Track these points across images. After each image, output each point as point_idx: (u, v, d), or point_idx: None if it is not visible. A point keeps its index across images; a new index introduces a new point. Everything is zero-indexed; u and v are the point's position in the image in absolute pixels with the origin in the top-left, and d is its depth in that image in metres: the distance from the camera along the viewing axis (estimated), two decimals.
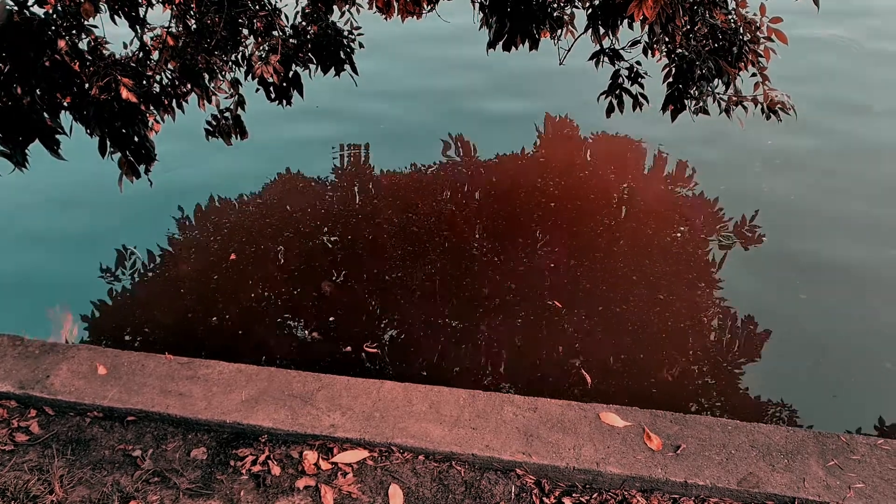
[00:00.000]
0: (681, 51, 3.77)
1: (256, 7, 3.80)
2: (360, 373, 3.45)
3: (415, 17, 3.94)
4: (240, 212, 5.10)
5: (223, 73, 3.92)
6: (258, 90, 4.01)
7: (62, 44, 2.83)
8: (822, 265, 4.38)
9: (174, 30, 3.63)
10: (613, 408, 2.92)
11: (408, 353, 3.82)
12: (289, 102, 4.15)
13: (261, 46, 3.79)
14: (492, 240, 4.68)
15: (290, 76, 4.01)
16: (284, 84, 4.01)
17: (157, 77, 3.54)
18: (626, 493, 2.63)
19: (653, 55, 3.96)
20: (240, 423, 2.89)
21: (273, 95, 4.06)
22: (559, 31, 4.08)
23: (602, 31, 3.77)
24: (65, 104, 2.96)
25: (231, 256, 4.56)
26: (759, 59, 3.72)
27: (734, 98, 3.86)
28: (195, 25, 3.68)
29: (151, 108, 3.43)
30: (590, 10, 3.72)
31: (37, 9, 2.84)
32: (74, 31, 3.00)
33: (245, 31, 3.83)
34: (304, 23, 4.04)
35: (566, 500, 2.60)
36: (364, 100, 6.57)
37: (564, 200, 5.08)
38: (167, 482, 2.70)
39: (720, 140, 5.77)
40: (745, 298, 4.16)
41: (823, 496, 2.54)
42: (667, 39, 3.61)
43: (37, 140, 2.88)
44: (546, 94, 6.80)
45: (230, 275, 4.42)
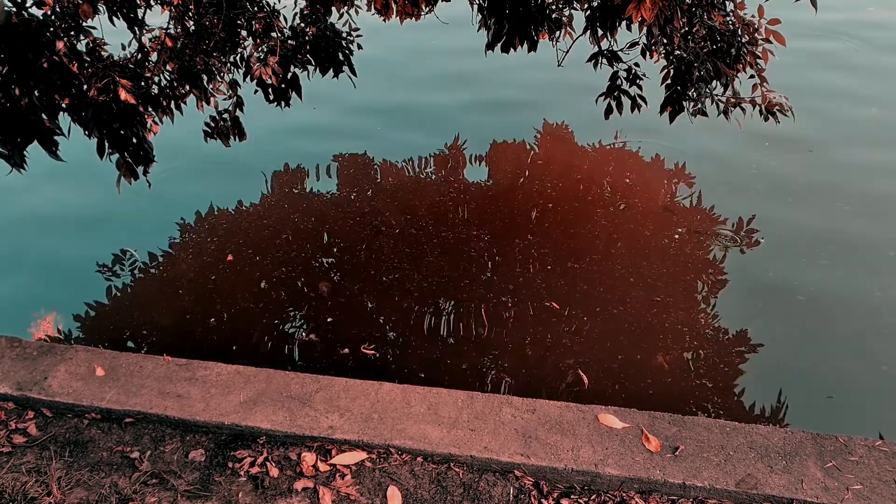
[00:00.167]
0: (679, 52, 3.77)
1: (255, 8, 3.81)
2: (359, 374, 3.43)
3: (413, 19, 3.94)
4: (238, 213, 5.10)
5: (222, 75, 3.93)
6: (257, 92, 4.01)
7: (61, 45, 2.83)
8: (821, 266, 4.38)
9: (173, 31, 3.64)
10: (612, 409, 2.92)
11: (406, 355, 3.82)
12: (287, 104, 4.16)
13: (259, 48, 3.80)
14: (490, 241, 4.68)
15: (289, 78, 4.02)
16: (283, 85, 4.02)
17: (156, 78, 3.54)
18: (625, 495, 2.63)
19: (651, 57, 3.97)
20: (238, 425, 2.89)
21: (272, 97, 4.07)
22: (557, 33, 4.08)
23: (600, 33, 3.79)
24: (63, 105, 2.96)
25: (228, 257, 4.56)
26: (758, 61, 3.73)
27: (732, 100, 3.87)
28: (194, 27, 3.69)
29: (150, 110, 3.44)
30: (588, 12, 3.73)
31: (35, 10, 2.84)
32: (73, 33, 3.01)
33: (243, 33, 3.84)
34: (303, 24, 4.05)
35: (564, 502, 2.60)
36: (363, 100, 6.58)
37: (562, 202, 5.08)
38: (165, 484, 2.70)
39: (719, 141, 5.77)
40: (743, 300, 4.16)
41: (822, 497, 2.54)
42: (665, 41, 3.62)
43: (35, 141, 2.88)
44: (544, 96, 6.80)
45: (228, 276, 4.41)
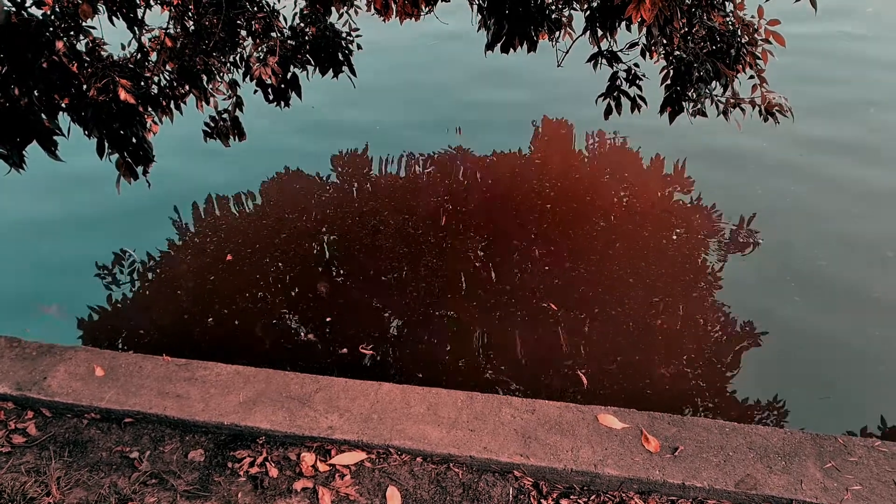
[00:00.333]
0: (679, 53, 3.77)
1: (254, 9, 3.81)
2: (358, 374, 3.44)
3: (413, 19, 3.94)
4: (237, 213, 5.10)
5: (221, 75, 3.93)
6: (256, 92, 4.01)
7: (60, 45, 2.82)
8: (819, 267, 4.39)
9: (172, 31, 3.64)
10: (611, 409, 2.92)
11: (405, 355, 3.82)
12: (287, 104, 4.16)
13: (259, 48, 3.80)
14: (488, 241, 4.68)
15: (289, 78, 4.02)
16: (282, 85, 4.02)
17: (156, 78, 3.54)
18: (624, 495, 2.63)
19: (651, 57, 3.97)
20: (237, 425, 2.89)
21: (271, 97, 4.07)
22: (557, 33, 4.08)
23: (600, 33, 3.79)
24: (63, 105, 2.96)
25: (228, 257, 4.56)
26: (757, 62, 3.73)
27: (732, 100, 3.87)
28: (193, 27, 3.69)
29: (149, 110, 3.43)
30: (588, 12, 3.73)
31: (35, 10, 2.84)
32: (72, 33, 3.01)
33: (243, 33, 3.84)
34: (303, 24, 4.04)
35: (564, 502, 2.60)
36: (361, 100, 6.58)
37: (561, 202, 5.09)
38: (165, 484, 2.70)
39: (718, 142, 5.77)
40: (742, 300, 4.16)
41: (821, 498, 2.54)
42: (665, 41, 3.62)
43: (34, 141, 2.88)
44: (544, 96, 6.81)
45: (227, 276, 4.41)
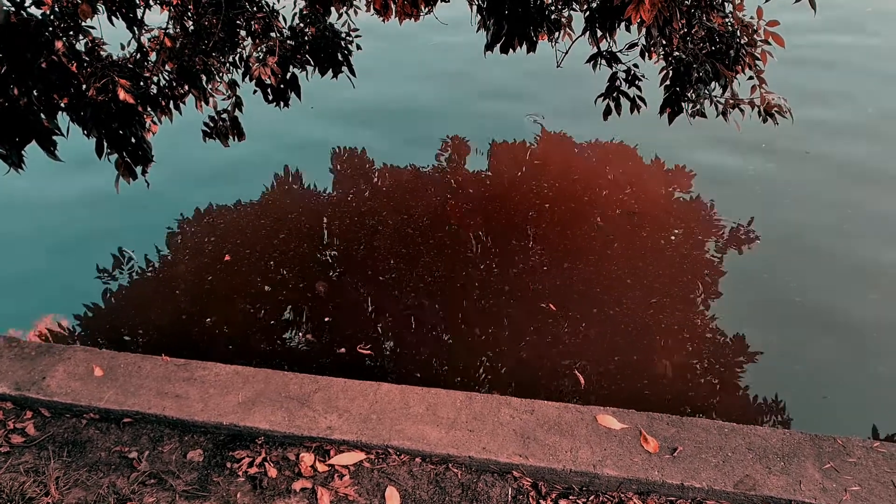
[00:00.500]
0: (678, 54, 3.78)
1: (254, 9, 3.81)
2: (357, 374, 3.43)
3: (412, 19, 3.94)
4: (235, 213, 5.09)
5: (220, 75, 3.93)
6: (256, 92, 4.01)
7: (59, 45, 2.82)
8: (817, 268, 4.39)
9: (172, 31, 3.64)
10: (610, 410, 2.93)
11: (403, 355, 3.82)
12: (286, 104, 4.16)
13: (258, 48, 3.80)
14: (486, 241, 4.68)
15: (288, 78, 4.02)
16: (282, 86, 4.02)
17: (155, 78, 3.54)
18: (623, 496, 2.63)
19: (650, 58, 3.97)
20: (236, 425, 2.89)
21: (270, 97, 4.07)
22: (557, 34, 4.08)
23: (599, 34, 3.78)
24: (62, 105, 2.96)
25: (226, 257, 4.55)
26: (756, 63, 3.73)
27: (731, 101, 3.87)
28: (193, 27, 3.69)
29: (149, 110, 3.43)
30: (587, 13, 3.72)
31: (34, 10, 2.84)
32: (72, 32, 3.01)
33: (243, 33, 3.84)
34: (302, 24, 4.05)
35: (563, 503, 2.60)
36: (360, 101, 6.58)
37: (559, 202, 5.09)
38: (163, 484, 2.70)
39: (717, 143, 5.77)
40: (740, 301, 4.16)
41: (820, 499, 2.54)
42: (664, 42, 3.63)
43: (33, 141, 2.87)
44: (543, 97, 6.81)
45: (226, 276, 4.41)
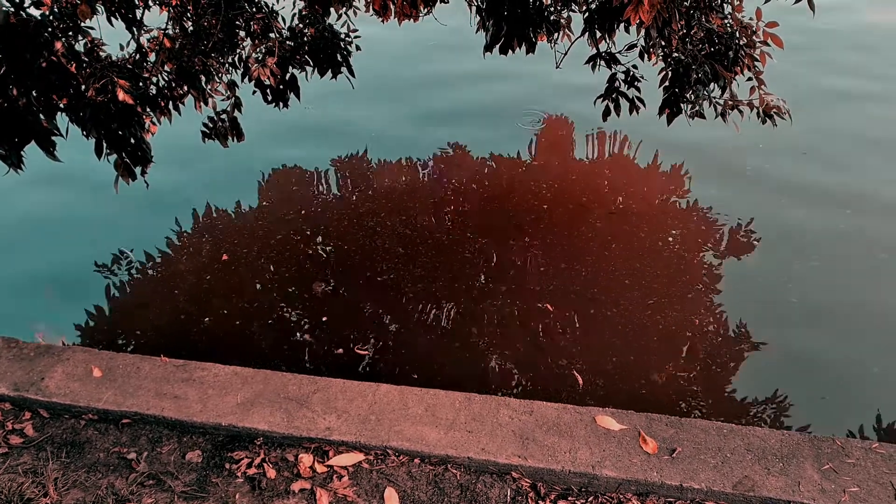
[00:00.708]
0: (677, 55, 3.78)
1: (253, 9, 3.81)
2: (356, 375, 3.44)
3: (411, 20, 3.94)
4: (234, 213, 5.09)
5: (220, 76, 3.93)
6: (255, 92, 4.01)
7: (59, 45, 2.83)
8: (816, 268, 4.39)
9: (171, 32, 3.64)
10: (609, 411, 2.92)
11: (402, 356, 3.82)
12: (285, 105, 4.16)
13: (257, 49, 3.80)
14: (485, 242, 4.68)
15: (287, 78, 4.02)
16: (281, 86, 4.02)
17: (154, 79, 3.54)
18: (622, 497, 2.63)
19: (649, 59, 3.98)
20: (235, 426, 2.89)
21: (270, 98, 4.07)
22: (556, 35, 4.09)
23: (598, 35, 3.79)
24: (61, 106, 2.96)
25: (223, 257, 4.55)
26: (756, 64, 3.73)
27: (730, 102, 3.87)
28: (192, 27, 3.69)
29: (148, 110, 3.44)
30: (586, 14, 3.73)
31: (33, 10, 2.84)
32: (71, 33, 3.01)
33: (242, 34, 3.84)
34: (301, 25, 4.05)
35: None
36: (359, 101, 6.58)
37: (557, 203, 5.09)
38: (162, 485, 2.70)
39: (716, 143, 5.78)
40: (739, 301, 4.16)
41: (818, 500, 2.54)
42: (663, 43, 3.62)
43: (32, 142, 2.88)
44: (542, 97, 6.81)
45: (224, 276, 4.41)
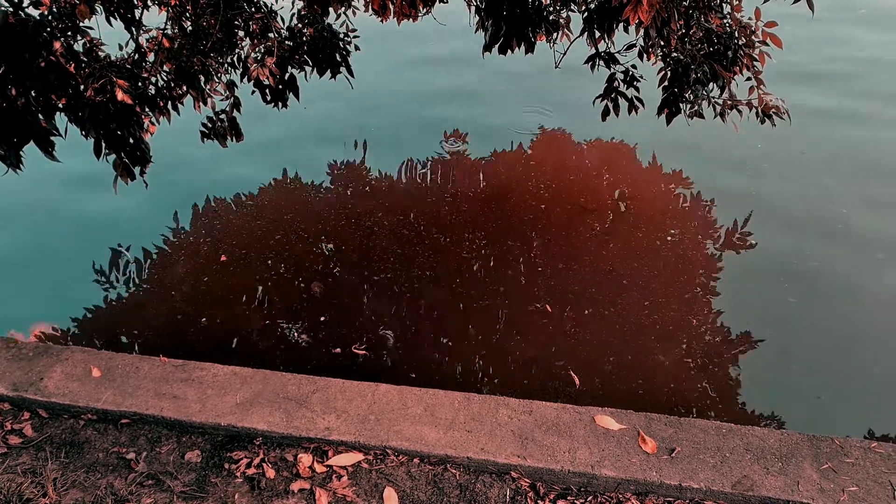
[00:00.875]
0: (676, 55, 3.78)
1: (252, 9, 3.80)
2: (356, 375, 3.43)
3: (410, 20, 3.94)
4: (232, 213, 5.09)
5: (219, 76, 3.93)
6: (254, 92, 4.01)
7: (57, 45, 2.82)
8: (814, 269, 4.39)
9: (170, 32, 3.63)
10: (608, 411, 2.93)
11: (400, 356, 3.82)
12: (284, 105, 4.16)
13: (256, 48, 3.80)
14: (483, 243, 4.68)
15: (286, 78, 4.02)
16: (280, 86, 4.02)
17: (153, 79, 3.54)
18: (621, 497, 2.63)
19: (648, 59, 3.97)
20: (234, 426, 2.89)
21: (269, 98, 4.06)
22: (555, 35, 4.08)
23: (598, 35, 3.78)
24: (60, 106, 2.96)
25: (222, 258, 4.55)
26: (755, 63, 3.74)
27: (729, 102, 3.87)
28: (191, 27, 3.69)
29: (147, 110, 3.43)
30: (585, 14, 3.73)
31: (32, 10, 2.84)
32: (70, 33, 3.00)
33: (241, 34, 3.83)
34: (300, 25, 4.04)
35: (561, 503, 2.61)
36: (358, 102, 6.58)
37: (556, 203, 5.09)
38: (161, 485, 2.69)
39: (715, 143, 5.78)
40: (737, 302, 4.16)
41: (817, 499, 2.55)
42: (662, 43, 3.62)
43: (31, 142, 2.87)
44: (541, 97, 6.81)
45: (222, 276, 4.41)
